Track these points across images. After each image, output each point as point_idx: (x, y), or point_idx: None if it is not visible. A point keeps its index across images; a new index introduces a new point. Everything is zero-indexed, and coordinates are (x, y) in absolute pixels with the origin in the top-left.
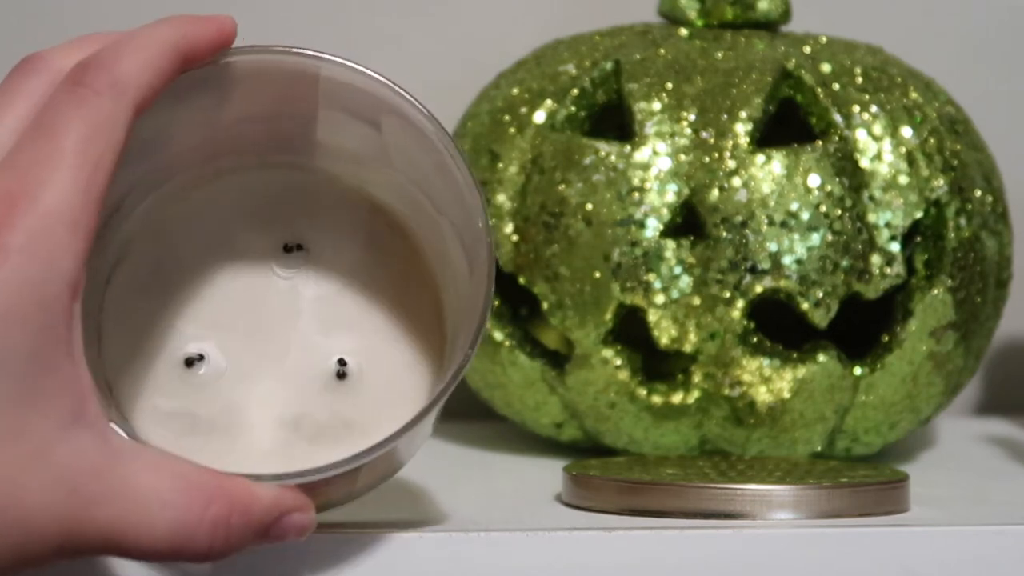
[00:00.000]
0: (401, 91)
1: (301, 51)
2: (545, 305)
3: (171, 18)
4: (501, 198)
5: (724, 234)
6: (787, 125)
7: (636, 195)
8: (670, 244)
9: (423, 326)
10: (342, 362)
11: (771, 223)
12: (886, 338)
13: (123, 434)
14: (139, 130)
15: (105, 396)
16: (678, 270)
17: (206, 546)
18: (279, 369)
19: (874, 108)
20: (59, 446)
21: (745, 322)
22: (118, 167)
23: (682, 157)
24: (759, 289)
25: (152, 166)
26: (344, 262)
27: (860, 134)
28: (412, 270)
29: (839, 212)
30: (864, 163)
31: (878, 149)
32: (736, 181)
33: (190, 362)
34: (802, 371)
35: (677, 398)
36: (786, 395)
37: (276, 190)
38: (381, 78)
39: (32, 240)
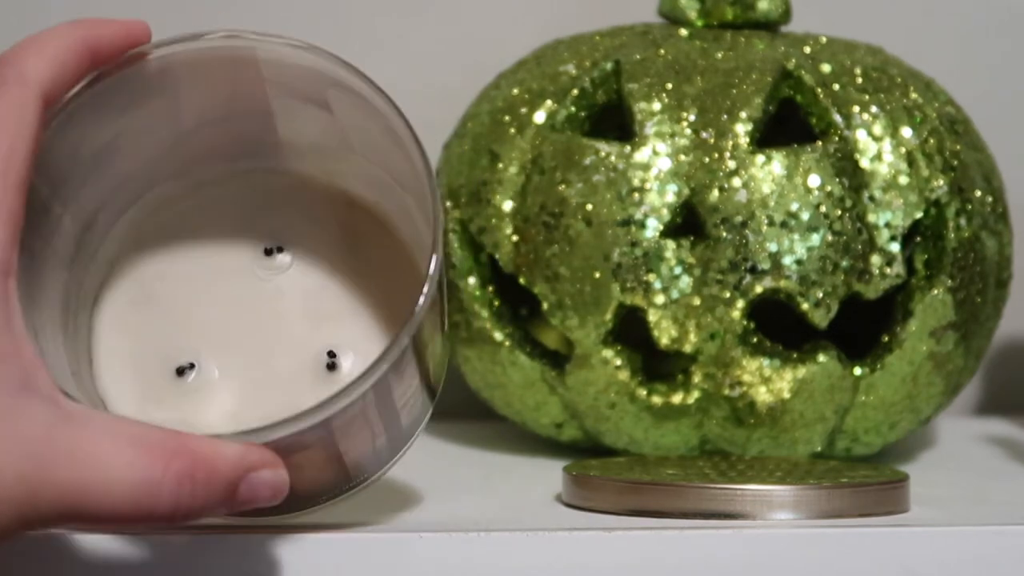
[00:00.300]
0: (333, 56)
1: (231, 32)
2: (545, 305)
3: (81, 19)
4: (501, 198)
5: (724, 234)
6: (787, 125)
7: (636, 195)
8: (670, 244)
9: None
10: (331, 354)
11: (771, 223)
12: (886, 338)
13: (76, 401)
14: (84, 143)
15: (97, 407)
16: (678, 270)
17: (171, 505)
18: (270, 369)
19: (874, 108)
20: (10, 413)
21: (745, 322)
22: (34, 156)
23: (682, 157)
24: (759, 289)
25: (119, 180)
26: (325, 258)
27: (860, 134)
28: (393, 257)
29: (839, 212)
30: (864, 163)
31: (878, 149)
32: (736, 181)
33: (181, 371)
34: (802, 371)
35: (677, 398)
36: (786, 395)
37: (252, 198)
38: (312, 46)
39: None
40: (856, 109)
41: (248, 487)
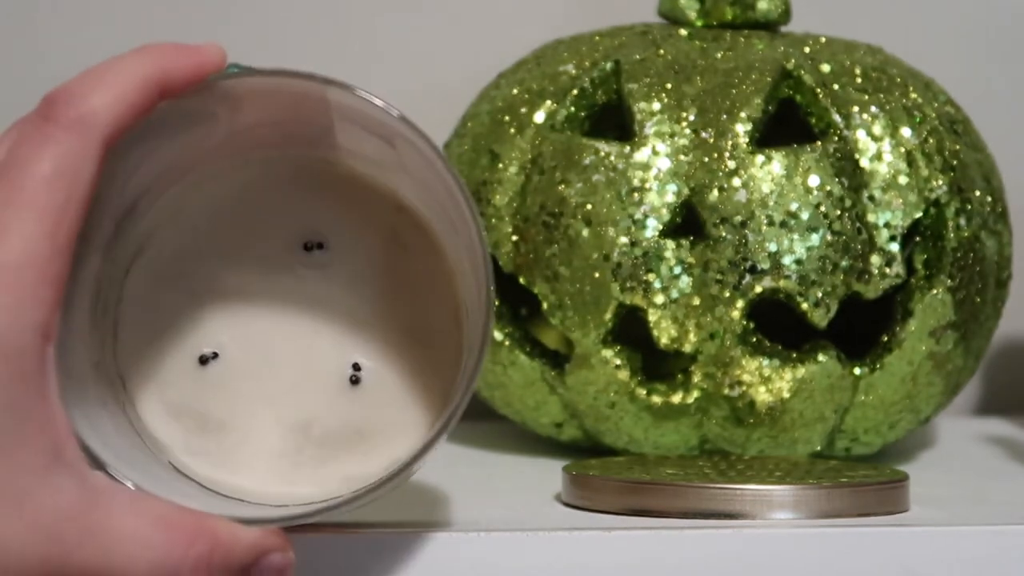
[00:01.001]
0: (406, 121)
1: (306, 74)
2: (545, 305)
3: (149, 48)
4: (501, 198)
5: (724, 234)
6: (787, 125)
7: (636, 195)
8: (670, 244)
9: (441, 327)
10: (356, 367)
11: (771, 223)
12: (886, 338)
13: (102, 475)
14: (133, 151)
15: (118, 395)
16: (678, 270)
17: None
18: (292, 371)
19: (874, 108)
20: (37, 491)
21: (745, 322)
22: (89, 205)
23: (682, 157)
24: (759, 289)
25: (164, 167)
26: (365, 260)
27: (860, 134)
28: (433, 269)
29: (839, 212)
30: (864, 163)
31: (878, 149)
32: (736, 181)
33: (204, 360)
34: (802, 371)
35: (677, 398)
36: (786, 395)
37: (301, 179)
38: (385, 107)
39: None
40: (856, 109)
41: (258, 569)
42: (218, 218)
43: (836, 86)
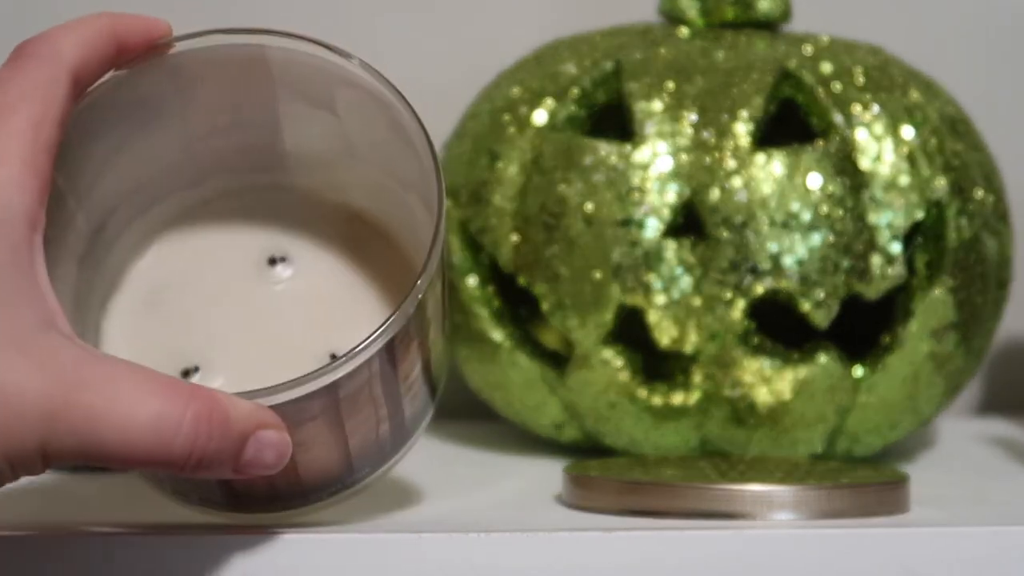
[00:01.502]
0: (341, 50)
1: (240, 29)
2: (545, 305)
3: (105, 11)
4: (501, 198)
5: (725, 234)
6: (787, 125)
7: (636, 195)
8: (670, 244)
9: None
10: (334, 357)
11: (772, 223)
12: (887, 339)
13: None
14: (98, 140)
15: None
16: (678, 270)
17: (186, 446)
18: (273, 373)
19: (875, 108)
20: (38, 341)
21: (746, 323)
22: (63, 129)
23: (683, 157)
24: (760, 290)
25: (132, 186)
26: (328, 268)
27: (861, 134)
28: (394, 266)
29: (840, 212)
30: (865, 163)
31: (879, 149)
32: (737, 181)
33: (186, 373)
34: (803, 372)
35: (677, 399)
36: (787, 396)
37: (259, 211)
38: (323, 43)
39: None
40: (856, 109)
41: (256, 445)
42: (186, 250)
43: (837, 86)
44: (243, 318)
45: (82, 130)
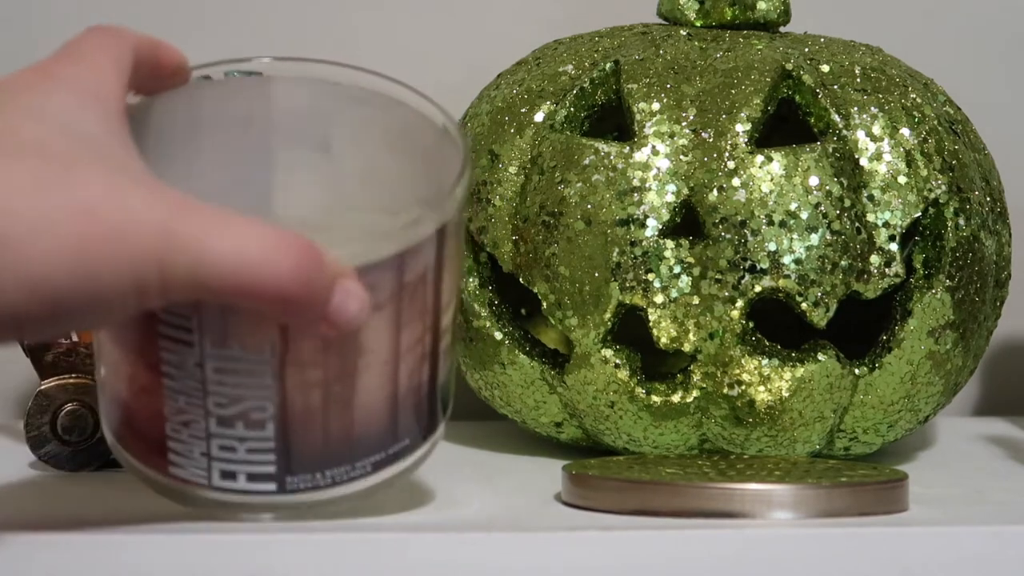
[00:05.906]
0: (345, 66)
1: (247, 68)
2: (545, 305)
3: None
4: (501, 198)
5: (723, 234)
6: (787, 125)
7: (636, 195)
8: (670, 244)
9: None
10: None
11: (770, 223)
12: (885, 338)
13: None
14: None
15: None
16: (678, 270)
17: (292, 277)
18: None
19: (873, 108)
20: (150, 179)
21: (744, 322)
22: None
23: (681, 157)
24: (758, 289)
25: None
26: None
27: (859, 134)
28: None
29: (838, 212)
30: (863, 163)
31: (877, 149)
32: (735, 181)
33: None
34: (801, 371)
35: (676, 397)
36: (785, 394)
37: None
38: (328, 61)
39: (80, 67)
40: (855, 109)
41: (341, 292)
42: None
43: (836, 86)
44: None
45: None
